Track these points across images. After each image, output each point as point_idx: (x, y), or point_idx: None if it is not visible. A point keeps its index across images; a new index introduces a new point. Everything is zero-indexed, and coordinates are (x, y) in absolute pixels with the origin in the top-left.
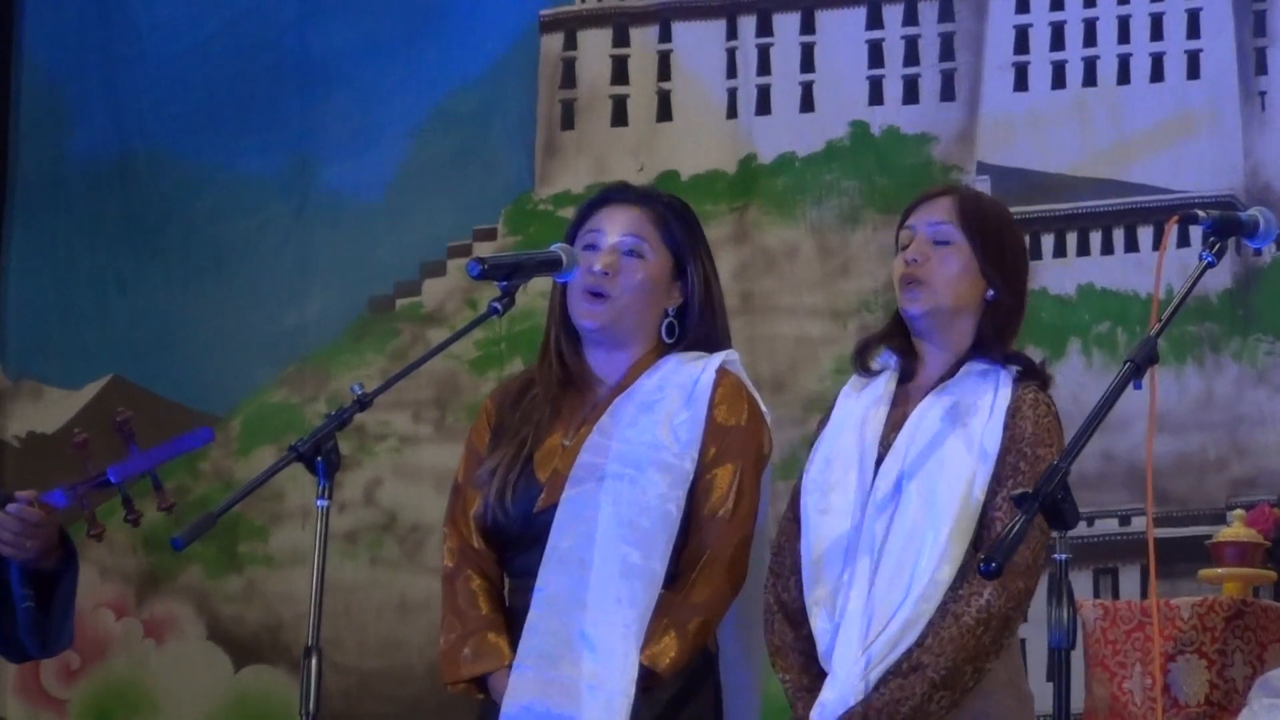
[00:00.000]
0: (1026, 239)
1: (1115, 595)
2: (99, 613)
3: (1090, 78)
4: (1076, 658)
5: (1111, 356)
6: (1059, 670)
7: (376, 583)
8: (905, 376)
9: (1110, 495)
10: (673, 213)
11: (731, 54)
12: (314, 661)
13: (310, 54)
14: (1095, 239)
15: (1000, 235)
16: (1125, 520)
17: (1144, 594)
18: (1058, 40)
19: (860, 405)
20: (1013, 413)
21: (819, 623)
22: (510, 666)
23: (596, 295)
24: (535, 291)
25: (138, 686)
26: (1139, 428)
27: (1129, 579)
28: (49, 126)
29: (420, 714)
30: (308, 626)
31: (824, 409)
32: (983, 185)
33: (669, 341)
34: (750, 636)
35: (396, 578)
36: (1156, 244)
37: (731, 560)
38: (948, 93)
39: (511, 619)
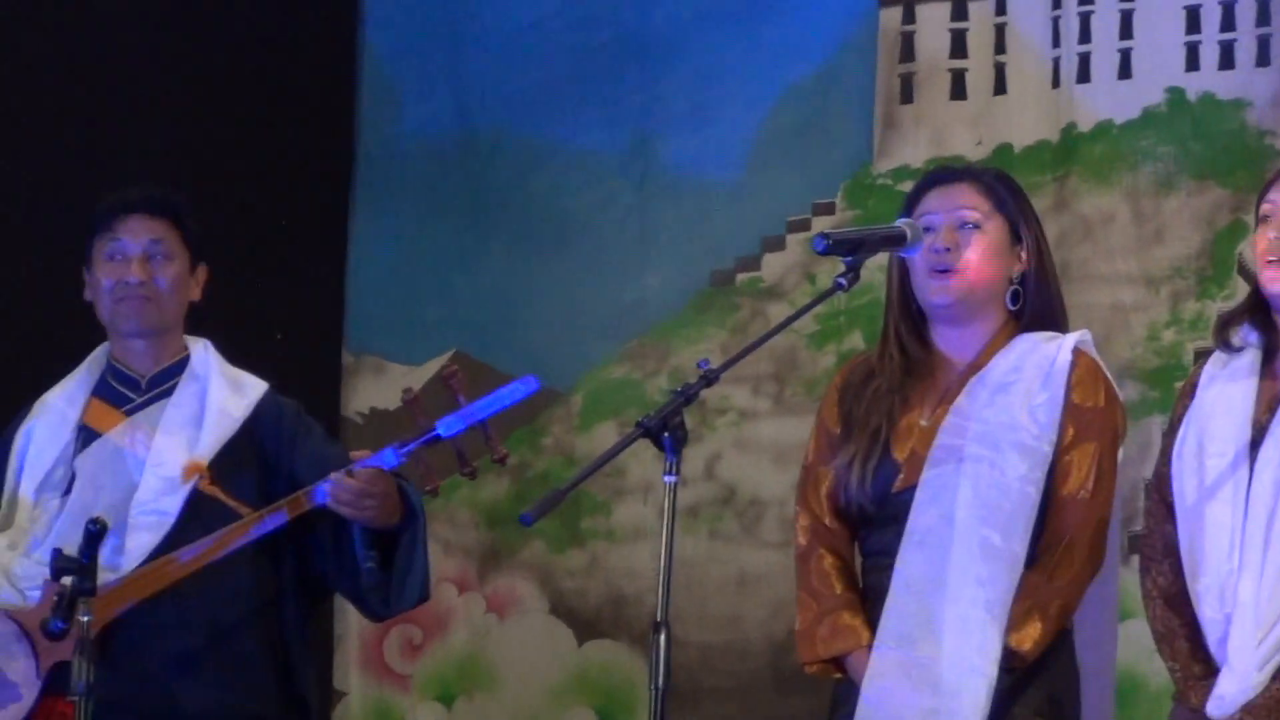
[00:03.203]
0: None
1: None
2: (441, 587)
3: None
4: None
5: None
6: None
7: (715, 557)
8: (1268, 354)
9: None
10: (1000, 182)
11: (1056, 23)
12: (663, 637)
13: (650, 29)
14: None
15: None
16: None
17: None
18: None
19: (1229, 384)
20: None
21: (1207, 611)
22: (868, 647)
23: (943, 272)
24: (874, 265)
25: (479, 661)
26: None
27: None
28: (390, 106)
29: (759, 688)
30: (656, 602)
31: (1137, 376)
32: None
33: (1013, 308)
34: (1105, 617)
35: (736, 552)
36: None
37: (1091, 542)
38: (1263, 58)
39: (866, 598)
